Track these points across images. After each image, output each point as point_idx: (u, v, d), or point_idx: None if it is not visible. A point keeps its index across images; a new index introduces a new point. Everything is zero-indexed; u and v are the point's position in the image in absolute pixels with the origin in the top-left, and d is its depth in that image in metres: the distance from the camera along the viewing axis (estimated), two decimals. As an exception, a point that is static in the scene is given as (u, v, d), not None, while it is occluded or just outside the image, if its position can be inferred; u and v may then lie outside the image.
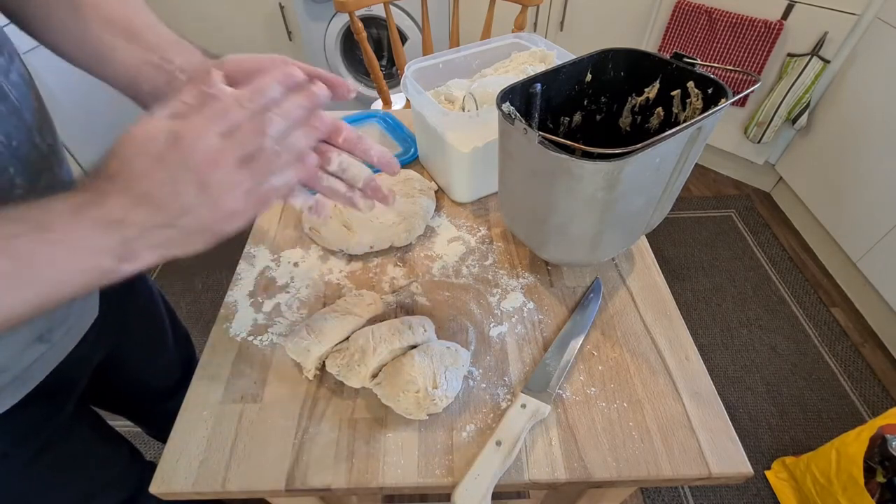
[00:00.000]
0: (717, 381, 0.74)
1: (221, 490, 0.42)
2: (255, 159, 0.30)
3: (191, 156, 0.28)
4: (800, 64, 1.62)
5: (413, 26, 2.01)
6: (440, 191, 0.73)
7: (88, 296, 0.55)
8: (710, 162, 2.13)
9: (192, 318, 1.59)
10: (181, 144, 0.28)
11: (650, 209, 0.54)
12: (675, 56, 0.54)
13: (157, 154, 0.28)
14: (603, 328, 0.55)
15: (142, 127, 0.28)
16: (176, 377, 0.80)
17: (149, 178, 0.28)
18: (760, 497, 1.18)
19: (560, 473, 0.43)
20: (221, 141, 0.28)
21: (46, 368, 0.50)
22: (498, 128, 0.52)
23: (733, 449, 0.44)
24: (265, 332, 0.54)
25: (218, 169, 0.28)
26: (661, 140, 0.42)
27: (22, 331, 0.46)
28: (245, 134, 0.29)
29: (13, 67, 0.41)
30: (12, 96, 0.40)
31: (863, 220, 1.51)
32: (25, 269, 0.27)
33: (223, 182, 0.29)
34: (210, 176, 0.28)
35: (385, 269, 0.62)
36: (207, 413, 0.47)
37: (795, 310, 1.57)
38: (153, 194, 0.28)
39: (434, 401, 0.44)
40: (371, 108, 1.20)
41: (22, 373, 0.47)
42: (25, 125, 0.41)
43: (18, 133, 0.40)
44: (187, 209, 0.29)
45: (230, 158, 0.29)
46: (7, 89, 0.39)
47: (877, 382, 1.38)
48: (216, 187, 0.29)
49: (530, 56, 0.74)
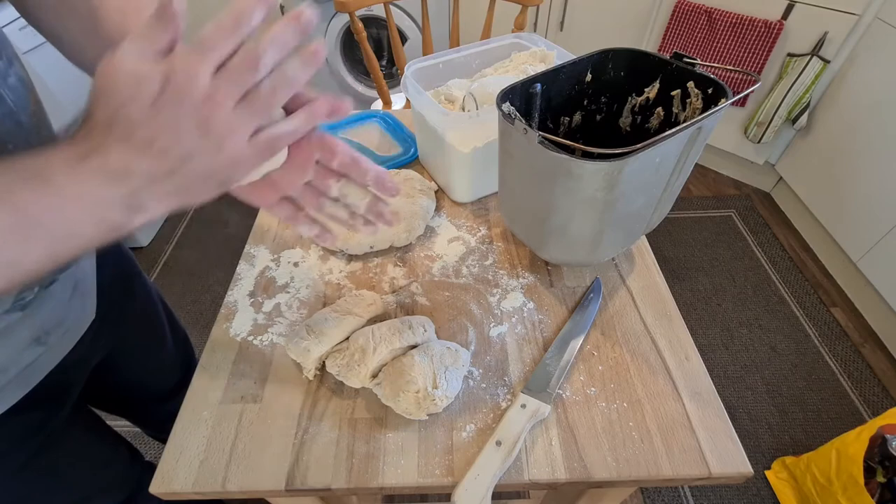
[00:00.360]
0: (717, 381, 0.74)
1: (221, 490, 0.42)
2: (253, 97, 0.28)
3: (186, 96, 0.26)
4: (800, 64, 1.62)
5: (413, 26, 2.01)
6: (440, 191, 0.73)
7: (86, 297, 0.55)
8: (710, 162, 2.13)
9: (192, 318, 1.59)
10: (176, 85, 0.26)
11: (650, 209, 0.54)
12: (675, 56, 0.54)
13: (150, 98, 0.26)
14: (603, 328, 0.55)
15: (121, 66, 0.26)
16: (175, 379, 0.80)
17: (147, 124, 0.26)
18: (760, 497, 1.18)
19: (560, 473, 0.43)
20: (214, 79, 0.27)
21: (43, 371, 0.50)
22: (498, 128, 0.52)
23: (733, 449, 0.44)
24: (265, 332, 0.54)
25: (217, 108, 0.27)
26: (661, 140, 0.42)
27: (20, 333, 0.45)
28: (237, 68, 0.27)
29: (11, 71, 0.41)
30: (9, 100, 0.39)
31: (863, 220, 1.51)
32: (29, 222, 0.26)
33: (224, 123, 0.28)
34: (210, 116, 0.27)
35: (385, 269, 0.62)
36: (207, 413, 0.47)
37: (795, 310, 1.57)
38: (154, 141, 0.27)
39: (434, 401, 0.44)
40: (371, 108, 1.20)
41: (18, 375, 0.47)
42: (22, 129, 0.41)
43: (15, 137, 0.40)
44: (191, 153, 0.28)
45: (227, 97, 0.27)
46: (4, 93, 0.39)
47: (877, 382, 1.38)
48: (217, 129, 0.28)
49: (530, 56, 0.74)
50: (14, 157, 0.27)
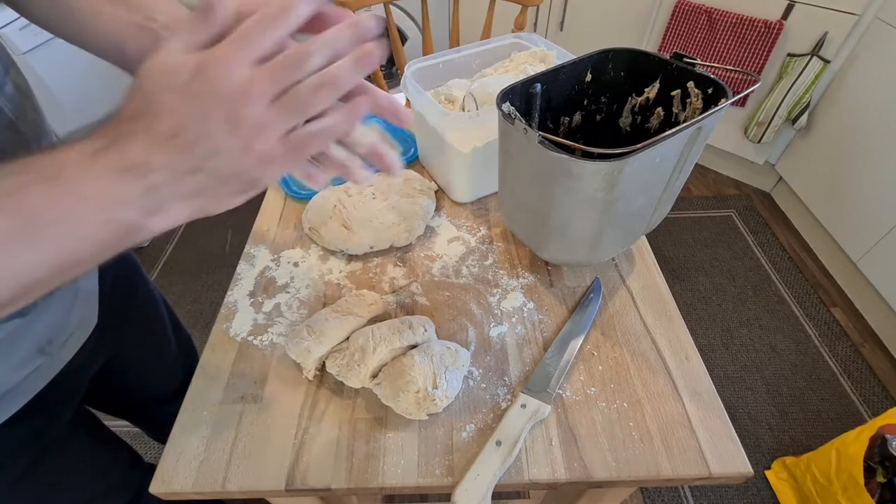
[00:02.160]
0: (717, 381, 0.74)
1: (221, 490, 0.42)
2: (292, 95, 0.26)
3: (220, 86, 0.24)
4: (800, 64, 1.62)
5: (413, 26, 2.01)
6: (440, 191, 0.73)
7: (88, 304, 0.54)
8: (710, 162, 2.12)
9: (192, 318, 1.59)
10: (208, 74, 0.24)
11: (650, 209, 0.54)
12: (675, 56, 0.54)
13: (182, 86, 0.24)
14: (603, 328, 0.55)
15: (160, 59, 0.25)
16: (178, 380, 0.79)
17: (173, 113, 0.24)
18: (760, 497, 1.18)
19: (560, 473, 0.43)
20: (252, 71, 0.25)
21: (45, 379, 0.49)
22: (498, 128, 0.52)
23: (733, 449, 0.44)
24: (265, 332, 0.54)
25: (250, 103, 0.25)
26: (661, 140, 0.42)
27: (22, 343, 0.45)
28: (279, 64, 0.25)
29: (8, 79, 0.40)
30: (6, 110, 0.39)
31: (863, 220, 1.51)
32: (36, 225, 0.24)
33: (256, 119, 0.25)
34: (241, 110, 0.25)
35: (385, 269, 0.62)
36: (207, 413, 0.47)
37: (795, 310, 1.57)
38: (179, 132, 0.25)
39: (434, 401, 0.44)
40: (371, 108, 1.19)
41: (18, 385, 0.46)
42: (21, 138, 0.40)
43: (13, 147, 0.39)
44: (217, 149, 0.25)
45: (263, 92, 0.25)
46: (1, 103, 0.38)
47: (877, 382, 1.38)
48: (248, 125, 0.25)
49: (530, 56, 0.74)
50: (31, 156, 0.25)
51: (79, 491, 0.60)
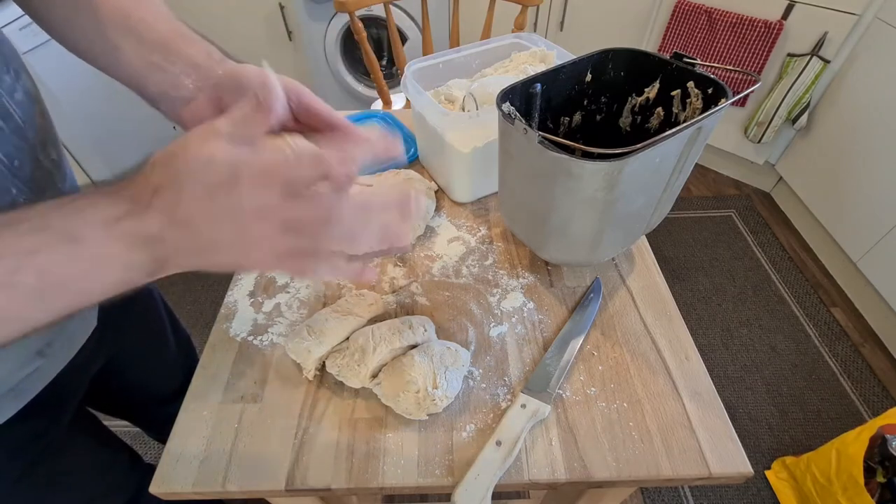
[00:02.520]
0: (717, 381, 0.74)
1: (221, 490, 0.42)
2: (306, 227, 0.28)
3: (244, 202, 0.26)
4: (800, 64, 1.62)
5: (413, 26, 2.01)
6: (440, 191, 0.73)
7: None
8: (710, 162, 2.13)
9: (192, 318, 1.59)
10: (239, 187, 0.26)
11: (650, 209, 0.54)
12: (675, 56, 0.54)
13: (212, 186, 0.26)
14: (603, 328, 0.55)
15: (204, 145, 0.26)
16: (178, 381, 0.79)
17: (195, 206, 0.26)
18: (760, 497, 1.18)
19: (560, 473, 0.43)
20: (280, 199, 0.27)
21: (44, 381, 0.49)
22: (498, 128, 0.52)
23: (733, 449, 0.44)
24: (265, 332, 0.54)
25: (262, 221, 0.27)
26: (661, 140, 0.42)
27: (22, 345, 0.45)
28: (308, 219, 0.28)
29: (19, 85, 0.40)
30: (16, 116, 0.39)
31: (863, 220, 1.51)
32: (53, 284, 0.26)
33: (260, 235, 0.27)
34: (252, 225, 0.27)
35: (385, 269, 0.62)
36: (207, 413, 0.47)
37: (795, 310, 1.57)
38: (193, 222, 0.27)
39: (434, 401, 0.44)
40: (371, 108, 1.20)
41: (16, 387, 0.46)
42: (28, 144, 0.40)
43: (20, 153, 0.39)
44: (218, 246, 0.28)
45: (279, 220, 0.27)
46: (12, 109, 0.39)
47: (877, 382, 1.38)
48: (252, 238, 0.28)
49: (530, 56, 0.74)
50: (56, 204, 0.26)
51: (79, 491, 0.60)
